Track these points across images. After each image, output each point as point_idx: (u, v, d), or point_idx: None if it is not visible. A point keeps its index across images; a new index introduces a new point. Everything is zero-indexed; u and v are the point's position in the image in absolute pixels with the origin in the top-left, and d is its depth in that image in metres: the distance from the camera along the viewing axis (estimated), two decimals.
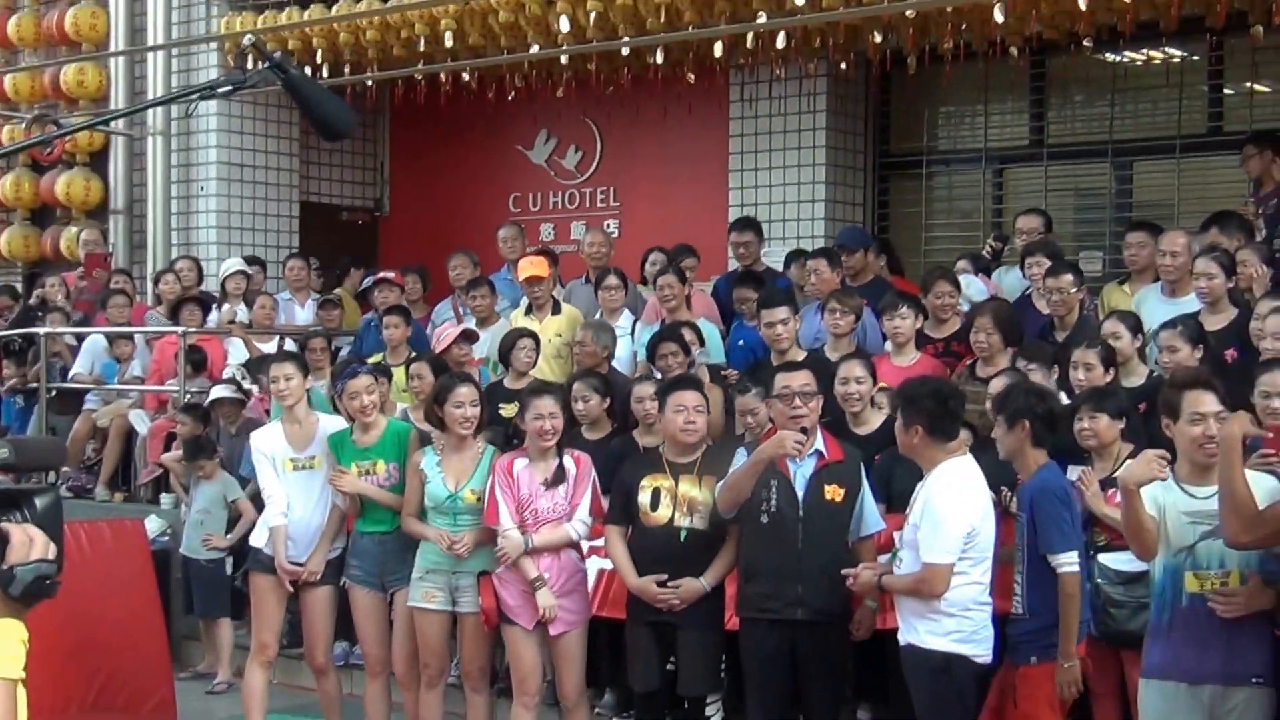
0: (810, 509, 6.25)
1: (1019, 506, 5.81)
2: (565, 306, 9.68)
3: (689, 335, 8.38)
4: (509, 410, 8.02)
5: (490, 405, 7.59)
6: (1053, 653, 5.64)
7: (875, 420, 7.25)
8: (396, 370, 8.98)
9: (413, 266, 11.23)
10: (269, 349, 10.58)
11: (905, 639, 5.76)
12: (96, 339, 11.64)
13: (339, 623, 7.76)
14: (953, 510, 5.56)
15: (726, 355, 8.94)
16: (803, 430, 6.22)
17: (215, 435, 9.73)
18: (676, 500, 6.55)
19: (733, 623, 6.60)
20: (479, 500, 6.90)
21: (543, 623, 6.73)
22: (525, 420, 6.85)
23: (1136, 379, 7.16)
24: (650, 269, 10.04)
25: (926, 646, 5.64)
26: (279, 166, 13.32)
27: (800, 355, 7.96)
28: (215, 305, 11.57)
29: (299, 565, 7.44)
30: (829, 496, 6.28)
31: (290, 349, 9.83)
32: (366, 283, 10.92)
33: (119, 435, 11.13)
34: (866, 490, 6.43)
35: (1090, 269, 9.68)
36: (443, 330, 9.30)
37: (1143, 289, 8.24)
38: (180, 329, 10.79)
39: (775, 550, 6.25)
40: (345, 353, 10.56)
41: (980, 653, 5.66)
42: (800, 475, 6.29)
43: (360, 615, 7.46)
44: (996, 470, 6.03)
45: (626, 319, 9.48)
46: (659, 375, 8.06)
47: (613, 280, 9.50)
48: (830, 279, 8.84)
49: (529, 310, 9.60)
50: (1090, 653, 6.14)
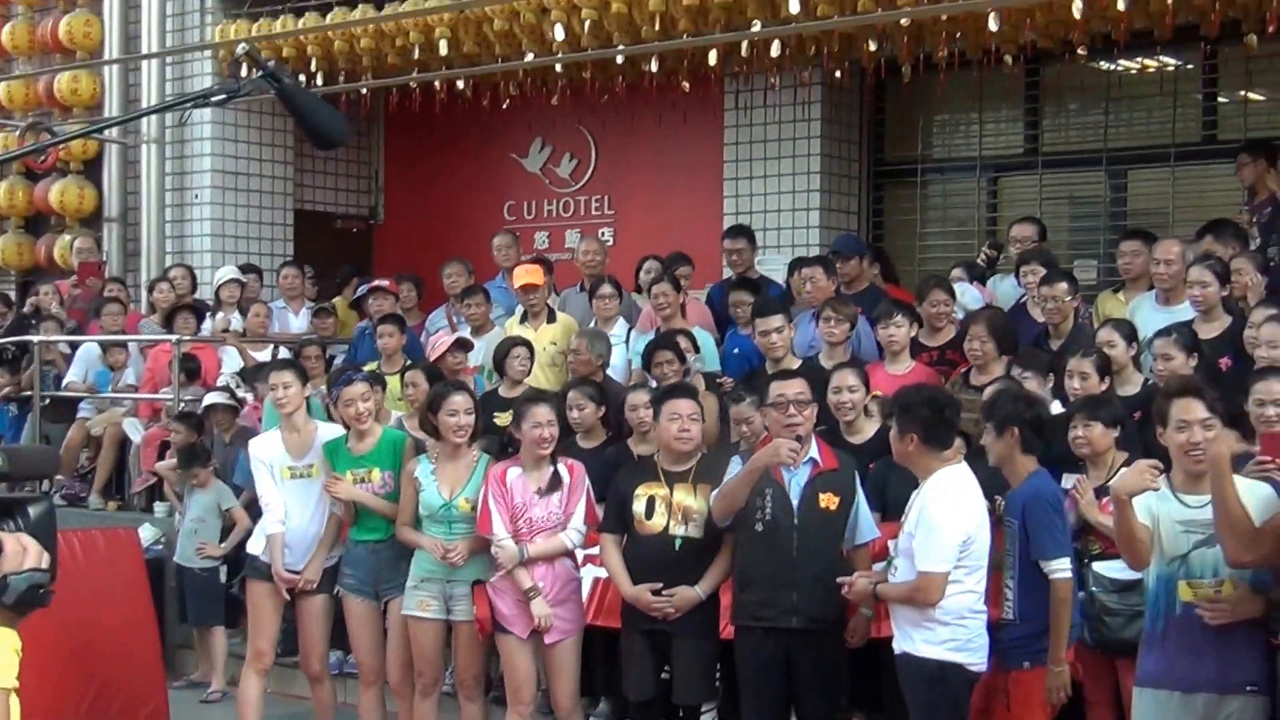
0: (805, 517, 6.25)
1: (1009, 513, 5.81)
2: (560, 315, 9.67)
3: (684, 343, 8.37)
4: (504, 419, 8.01)
5: (485, 414, 7.59)
6: (1044, 657, 5.67)
7: (869, 429, 7.25)
8: (391, 378, 8.97)
9: (407, 275, 11.22)
10: (263, 357, 10.57)
11: (900, 647, 5.75)
12: (90, 347, 11.61)
13: (334, 631, 7.75)
14: (948, 519, 5.56)
15: (721, 363, 8.93)
16: (797, 438, 6.23)
17: (209, 444, 9.71)
18: (671, 509, 6.54)
19: (728, 631, 6.60)
20: (473, 509, 6.88)
21: (537, 632, 6.73)
22: (521, 429, 6.84)
23: (1131, 387, 7.16)
24: (645, 277, 10.02)
25: (921, 655, 5.64)
26: (273, 174, 13.30)
27: (795, 363, 7.96)
28: (209, 313, 11.55)
29: (295, 573, 7.43)
30: (824, 505, 6.28)
31: (286, 357, 9.80)
32: (361, 290, 10.90)
33: (113, 444, 11.11)
34: (861, 498, 6.43)
35: (1085, 277, 9.67)
36: (437, 338, 9.30)
37: (1137, 297, 8.25)
38: (174, 337, 10.76)
39: (770, 558, 6.24)
40: (339, 361, 10.55)
41: (975, 661, 5.66)
42: (795, 483, 6.29)
43: (354, 624, 7.44)
44: (991, 478, 6.03)
45: (621, 327, 9.47)
46: (654, 383, 8.06)
47: (607, 289, 9.50)
48: (826, 287, 8.84)
49: (524, 318, 9.60)
50: (1084, 661, 6.17)
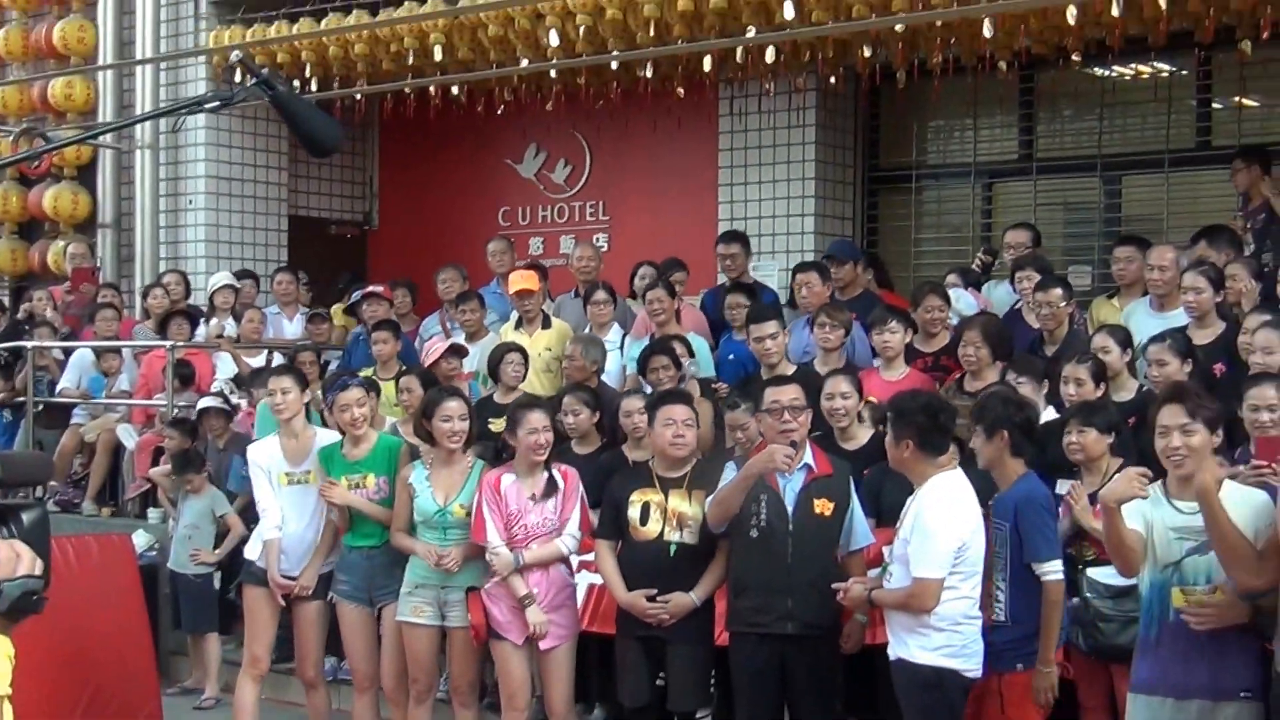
0: (800, 523, 6.25)
1: (999, 515, 5.80)
2: (555, 321, 9.67)
3: (679, 349, 8.37)
4: (498, 425, 8.00)
5: (480, 420, 7.58)
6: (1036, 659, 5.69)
7: (863, 435, 7.24)
8: (386, 384, 8.95)
9: (401, 280, 11.21)
10: (257, 363, 10.56)
11: (895, 653, 5.74)
12: (84, 353, 11.59)
13: (328, 637, 7.73)
14: (943, 525, 5.56)
15: (716, 369, 8.92)
16: (792, 444, 6.22)
17: (203, 449, 9.69)
18: (666, 515, 6.54)
19: (723, 638, 6.59)
20: (468, 515, 6.87)
21: (532, 638, 6.72)
22: (516, 435, 6.83)
23: (1126, 393, 7.16)
24: (639, 283, 10.02)
25: (917, 661, 5.64)
26: (267, 180, 13.29)
27: (790, 369, 7.96)
28: (203, 319, 11.54)
29: (291, 579, 7.43)
30: (818, 510, 6.27)
31: (285, 363, 9.77)
32: (355, 296, 10.89)
33: (106, 450, 11.10)
34: (856, 504, 6.43)
35: (1079, 283, 9.67)
36: (431, 344, 9.29)
37: (1131, 303, 8.27)
38: (168, 343, 10.74)
39: (765, 564, 6.24)
40: (334, 367, 10.53)
41: (970, 667, 5.65)
42: (790, 489, 6.28)
43: (348, 630, 7.43)
44: (985, 484, 6.02)
45: (616, 333, 9.47)
46: (649, 389, 8.05)
47: (601, 294, 9.49)
48: (821, 292, 8.84)
49: (519, 324, 9.60)
50: (1079, 666, 6.17)
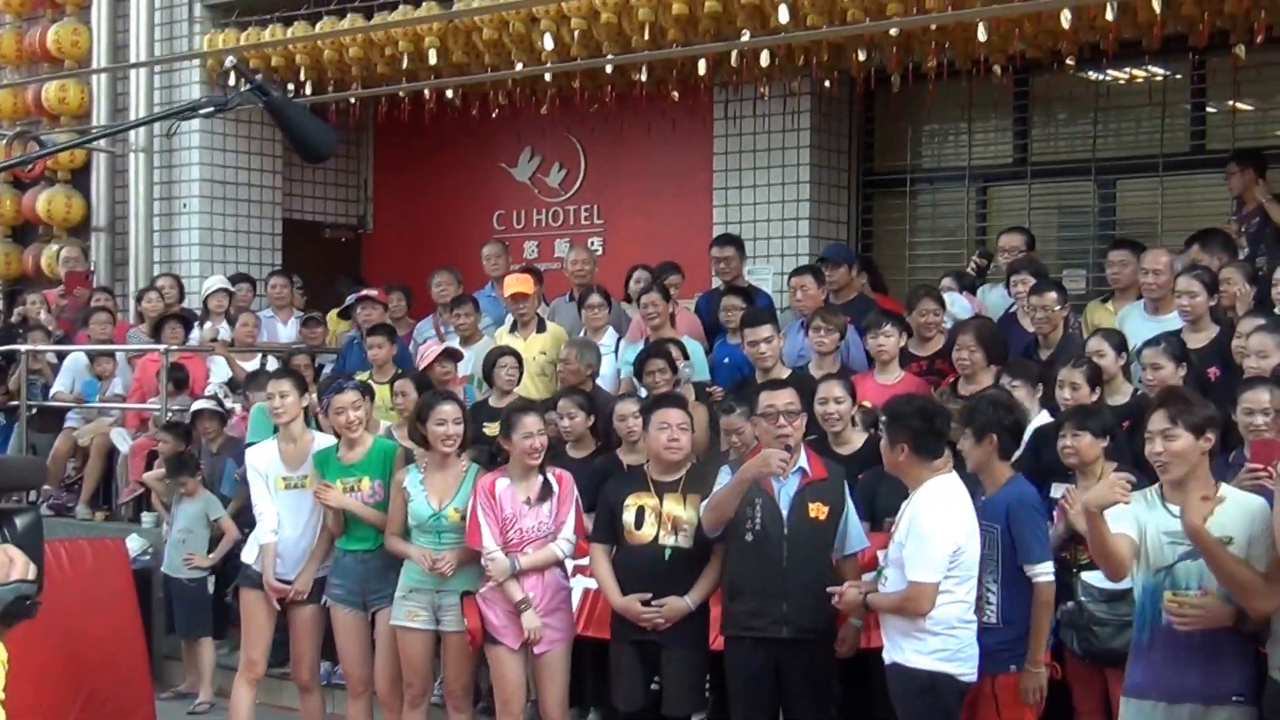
0: (795, 527, 6.24)
1: (989, 518, 5.79)
2: (550, 325, 9.66)
3: (675, 352, 8.36)
4: (493, 429, 7.99)
5: (475, 424, 7.56)
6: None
7: (857, 440, 7.23)
8: (381, 388, 8.93)
9: (396, 284, 11.20)
10: (251, 367, 10.54)
11: (890, 657, 5.74)
12: (77, 357, 11.58)
13: (323, 642, 7.71)
14: (938, 528, 5.56)
15: (711, 373, 8.92)
16: (786, 448, 6.22)
17: (197, 453, 9.68)
18: (661, 519, 6.53)
19: (717, 642, 6.58)
20: (463, 519, 6.86)
21: (528, 643, 6.71)
22: (510, 439, 6.82)
23: (1121, 397, 7.16)
24: (634, 287, 10.02)
25: (912, 665, 5.63)
26: (262, 184, 13.26)
27: (785, 373, 7.96)
28: (197, 323, 11.53)
29: (287, 583, 7.41)
30: (813, 514, 6.27)
31: (285, 366, 9.75)
32: (350, 300, 10.88)
33: (100, 454, 11.08)
34: (850, 508, 6.42)
35: (1073, 287, 9.68)
36: (425, 348, 9.27)
37: (1126, 307, 8.27)
38: (162, 347, 10.74)
39: (760, 568, 6.24)
40: (328, 370, 10.52)
41: (965, 671, 5.65)
42: (784, 493, 6.28)
43: (342, 635, 7.41)
44: (971, 487, 6.02)
45: (610, 337, 9.46)
46: (644, 392, 8.04)
47: (596, 298, 9.49)
48: (816, 296, 8.84)
49: (514, 328, 9.59)
50: (1074, 670, 6.17)
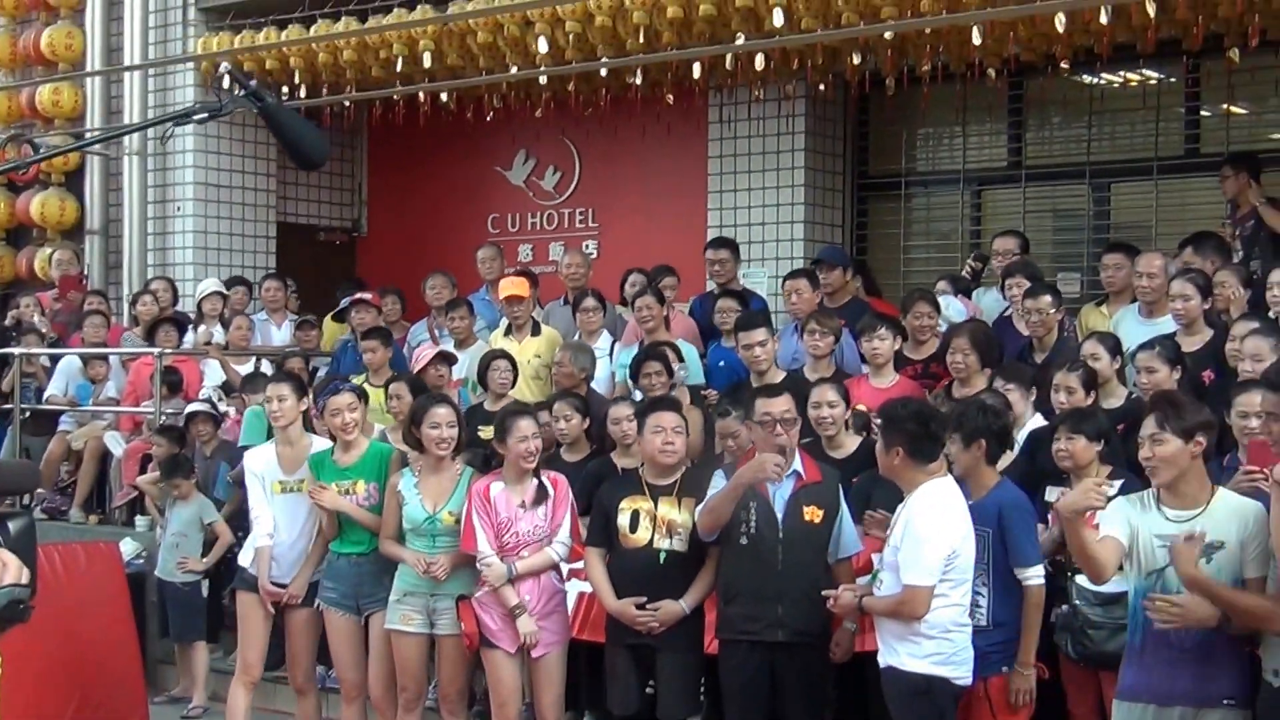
0: (789, 530, 6.24)
1: (980, 521, 5.79)
2: (544, 328, 9.65)
3: (671, 356, 8.36)
4: (488, 432, 7.98)
5: (469, 427, 7.56)
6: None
7: (850, 444, 7.22)
8: (375, 391, 8.92)
9: (390, 287, 11.19)
10: (245, 370, 10.53)
11: (885, 661, 5.74)
12: (71, 360, 11.55)
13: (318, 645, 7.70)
14: (934, 532, 5.55)
15: (706, 375, 8.91)
16: (781, 451, 6.21)
17: (190, 457, 9.66)
18: (656, 522, 6.53)
19: (712, 646, 6.58)
20: (457, 522, 6.86)
21: (524, 647, 6.70)
22: (505, 442, 6.81)
23: (1115, 400, 7.16)
24: (629, 290, 10.01)
25: (907, 668, 5.63)
26: (256, 187, 13.25)
27: (779, 376, 7.95)
28: (191, 326, 11.51)
29: (282, 587, 7.40)
30: (808, 518, 6.27)
31: (284, 369, 9.73)
32: (344, 303, 10.87)
33: (94, 457, 11.06)
34: (845, 511, 6.42)
35: (1068, 290, 9.68)
36: (420, 351, 9.27)
37: (1120, 310, 8.28)
38: (156, 350, 10.72)
39: (755, 571, 6.23)
40: (322, 374, 10.50)
41: (961, 674, 5.65)
42: (779, 496, 6.28)
43: (336, 639, 7.39)
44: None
45: (605, 340, 9.46)
46: (638, 396, 8.03)
47: (591, 302, 9.48)
48: (811, 299, 8.84)
49: (508, 331, 9.58)
50: (1068, 673, 6.18)
